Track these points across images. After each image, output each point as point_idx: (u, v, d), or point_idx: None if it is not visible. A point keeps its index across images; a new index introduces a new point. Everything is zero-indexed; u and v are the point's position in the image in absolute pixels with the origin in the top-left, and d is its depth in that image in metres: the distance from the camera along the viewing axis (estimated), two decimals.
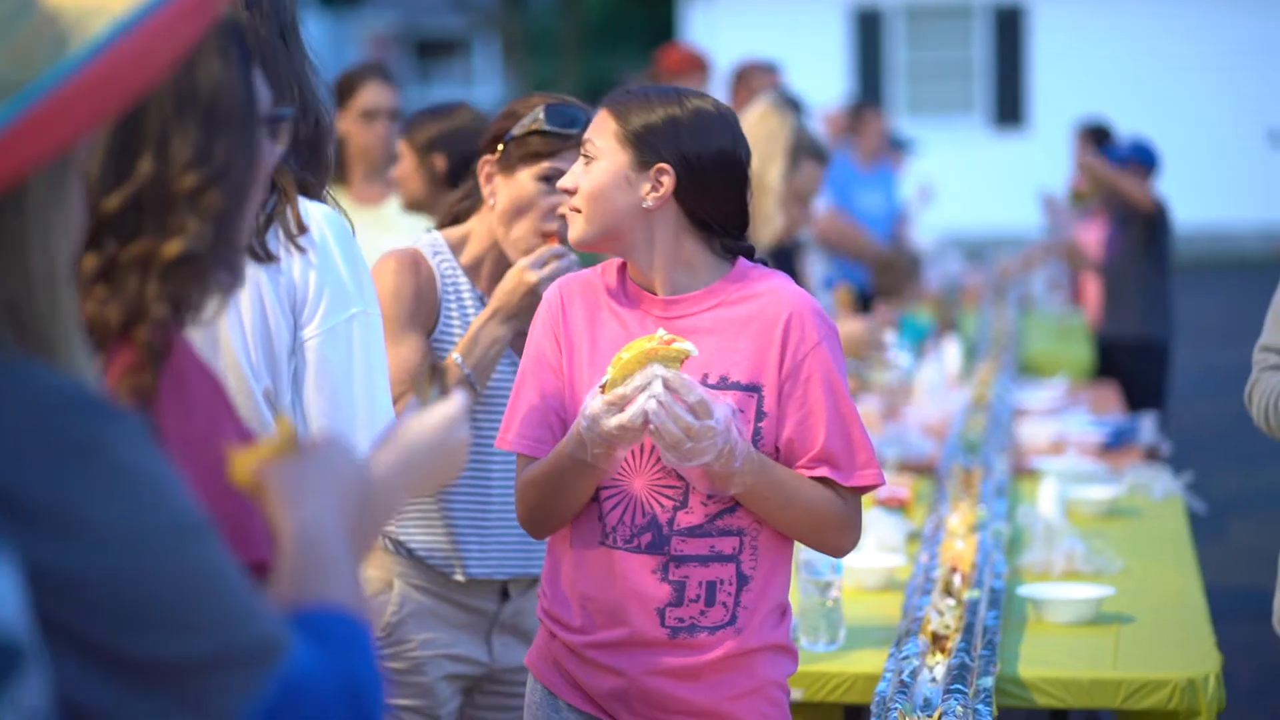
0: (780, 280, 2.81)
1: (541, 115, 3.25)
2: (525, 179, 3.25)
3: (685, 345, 2.63)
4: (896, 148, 10.55)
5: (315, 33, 18.82)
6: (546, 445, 2.80)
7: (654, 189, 2.74)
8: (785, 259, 4.65)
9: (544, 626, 2.89)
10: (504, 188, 3.27)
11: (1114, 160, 8.29)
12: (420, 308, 3.27)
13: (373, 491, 1.67)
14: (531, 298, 3.17)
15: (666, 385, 2.61)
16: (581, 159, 2.80)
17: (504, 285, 3.23)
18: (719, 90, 8.39)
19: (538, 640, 2.92)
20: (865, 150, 9.76)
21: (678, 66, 8.12)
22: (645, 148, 2.74)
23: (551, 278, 3.15)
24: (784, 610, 2.84)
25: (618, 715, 2.82)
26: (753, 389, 2.73)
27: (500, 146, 3.27)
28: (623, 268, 2.84)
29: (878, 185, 9.62)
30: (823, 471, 2.74)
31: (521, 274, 3.20)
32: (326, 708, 1.45)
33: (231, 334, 2.46)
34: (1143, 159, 8.44)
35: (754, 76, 8.03)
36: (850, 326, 4.65)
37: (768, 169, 4.53)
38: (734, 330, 2.75)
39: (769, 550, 2.79)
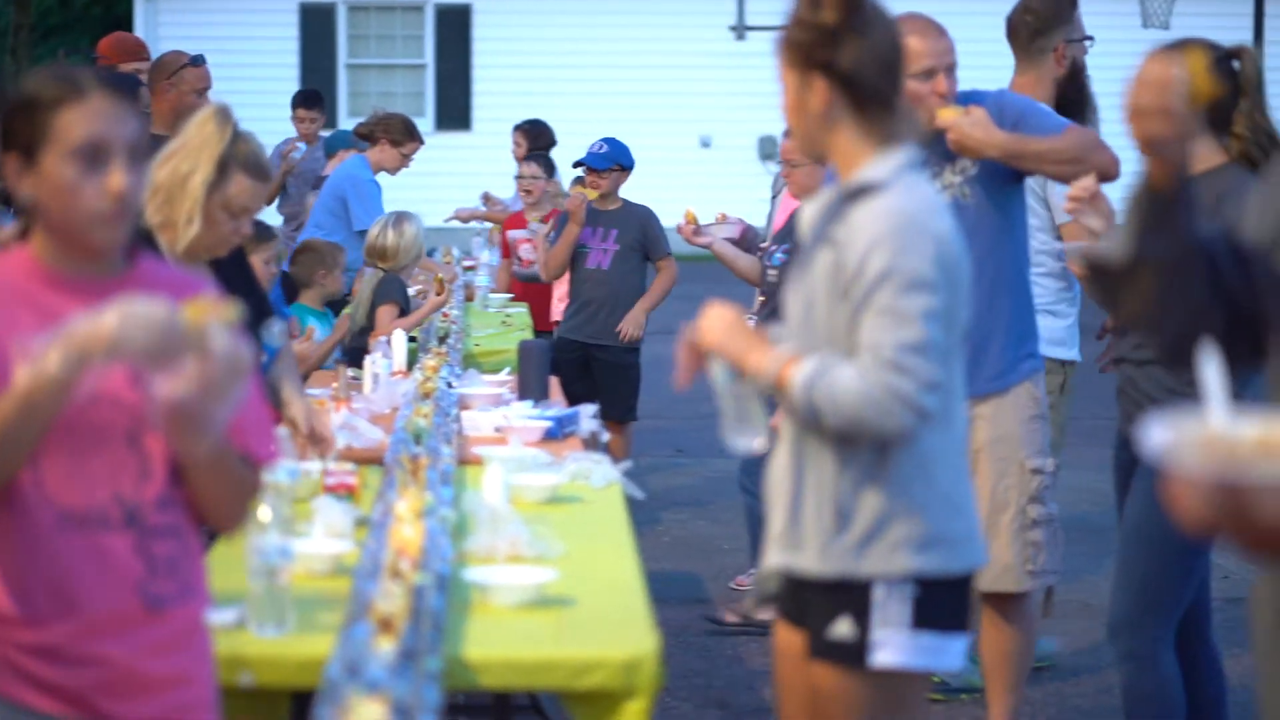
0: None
1: None
2: None
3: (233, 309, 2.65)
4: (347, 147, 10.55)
5: None
6: None
7: None
8: (220, 266, 4.61)
9: None
10: None
11: (599, 167, 8.52)
12: None
13: None
14: None
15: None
16: None
17: None
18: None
19: None
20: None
21: (107, 51, 8.03)
22: None
23: None
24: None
25: (98, 705, 2.78)
26: None
27: None
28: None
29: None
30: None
31: None
32: None
33: None
34: (625, 162, 8.68)
35: (173, 68, 7.89)
36: None
37: (194, 175, 4.51)
38: None
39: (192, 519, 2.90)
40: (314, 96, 12.32)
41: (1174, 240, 2.69)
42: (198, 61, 7.90)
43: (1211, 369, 1.94)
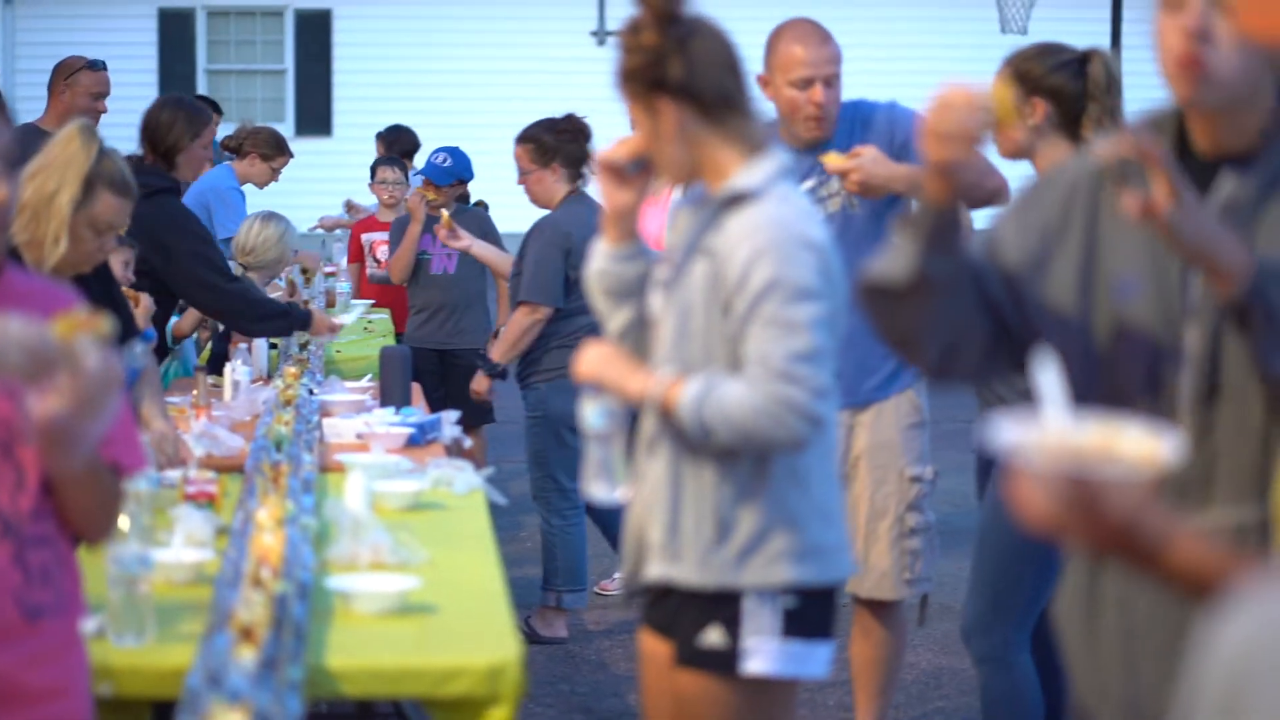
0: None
1: None
2: None
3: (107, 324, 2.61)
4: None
5: None
6: None
7: None
8: (85, 282, 4.55)
9: None
10: None
11: (440, 182, 8.47)
12: None
13: None
14: None
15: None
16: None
17: None
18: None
19: None
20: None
21: None
22: None
23: None
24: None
25: None
26: None
27: None
28: None
29: None
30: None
31: None
32: None
33: None
34: (466, 175, 8.65)
35: (70, 70, 7.84)
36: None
37: (60, 193, 4.47)
38: None
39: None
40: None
41: (953, 260, 2.74)
42: (95, 66, 7.84)
43: (1049, 374, 1.99)
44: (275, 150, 9.66)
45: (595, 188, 4.90)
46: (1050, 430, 1.96)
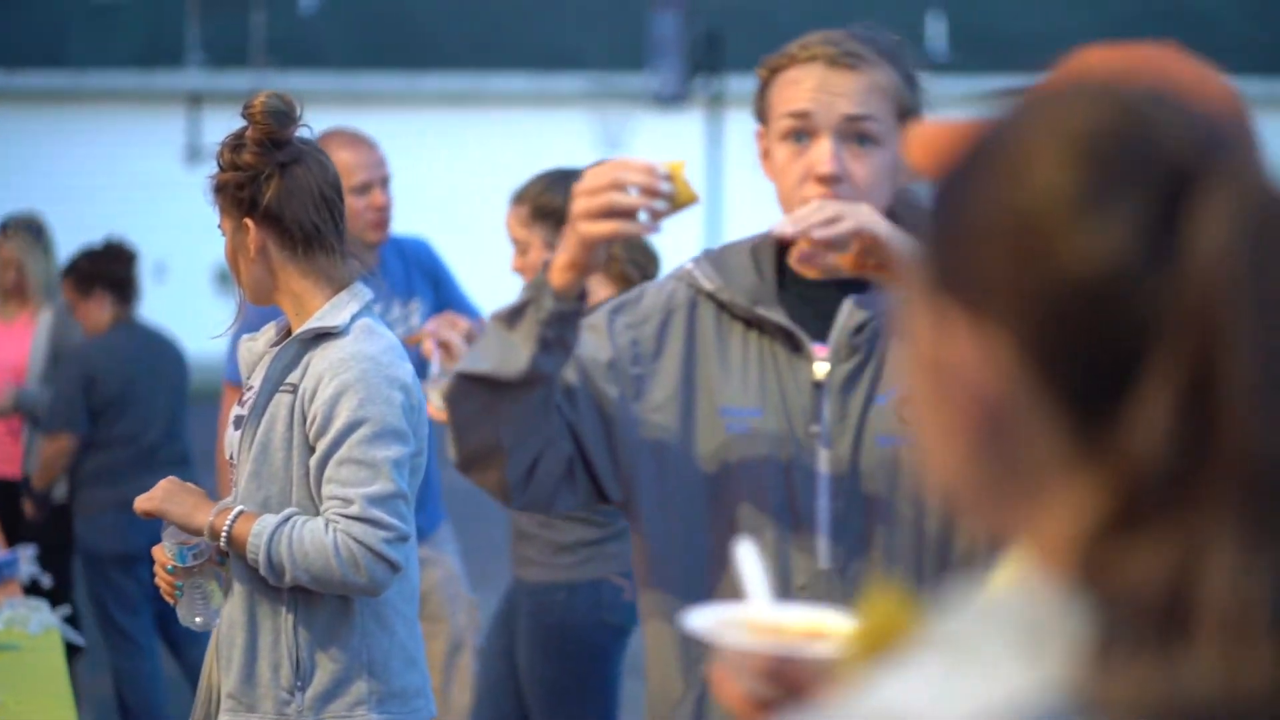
0: None
1: None
2: None
3: None
4: None
5: None
6: None
7: None
8: None
9: None
10: None
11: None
12: None
13: None
14: None
15: None
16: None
17: None
18: None
19: None
20: None
21: None
22: None
23: None
24: None
25: None
26: None
27: None
28: None
29: None
30: None
31: None
32: None
33: None
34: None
35: None
36: None
37: None
38: None
39: None
40: None
41: (565, 358, 2.52)
42: None
43: (750, 558, 1.98)
44: None
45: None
46: (754, 613, 1.96)
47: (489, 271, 8.86)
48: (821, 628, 1.96)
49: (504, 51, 22.41)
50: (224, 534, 3.35)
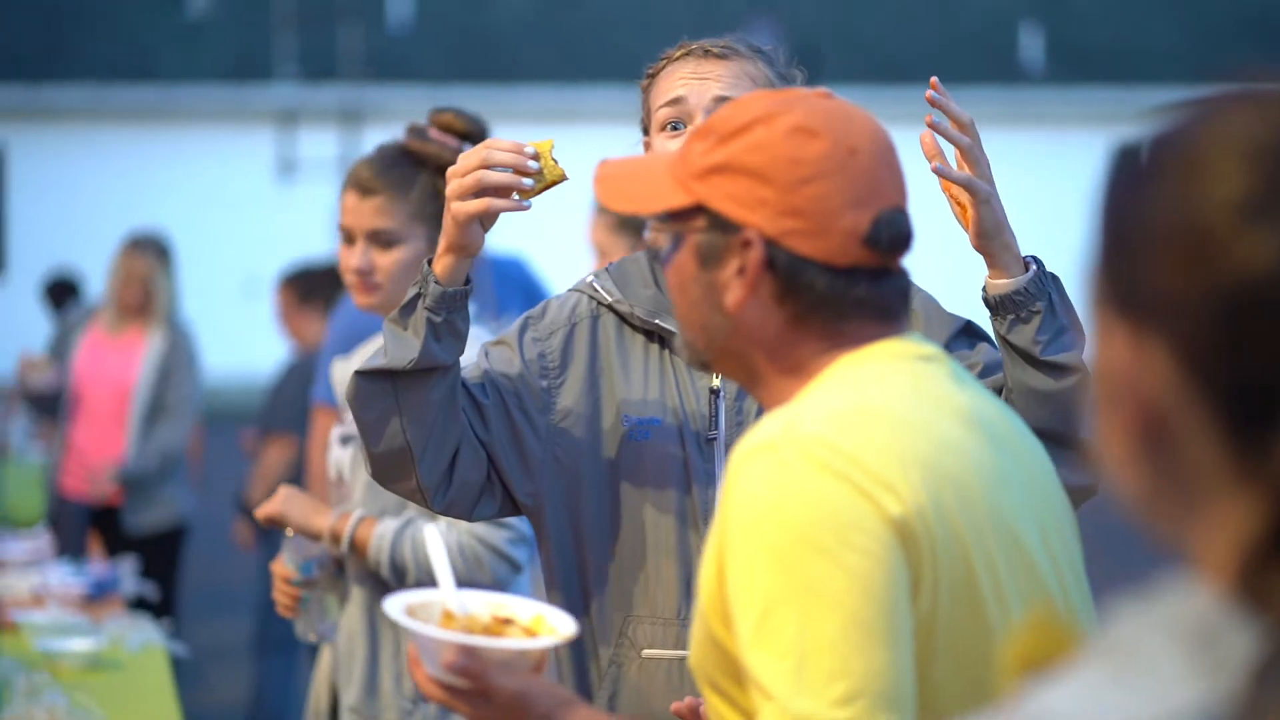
0: None
1: None
2: None
3: None
4: None
5: None
6: None
7: None
8: None
9: None
10: None
11: None
12: None
13: None
14: None
15: None
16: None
17: None
18: None
19: None
20: None
21: None
22: None
23: None
24: None
25: None
26: None
27: None
28: None
29: None
30: None
31: None
32: None
33: None
34: None
35: None
36: None
37: None
38: None
39: None
40: None
41: (459, 344, 2.55)
42: None
43: (436, 545, 2.14)
44: None
45: None
46: (449, 599, 2.11)
47: None
48: (509, 614, 2.10)
49: (593, 65, 22.44)
50: (346, 537, 3.36)
